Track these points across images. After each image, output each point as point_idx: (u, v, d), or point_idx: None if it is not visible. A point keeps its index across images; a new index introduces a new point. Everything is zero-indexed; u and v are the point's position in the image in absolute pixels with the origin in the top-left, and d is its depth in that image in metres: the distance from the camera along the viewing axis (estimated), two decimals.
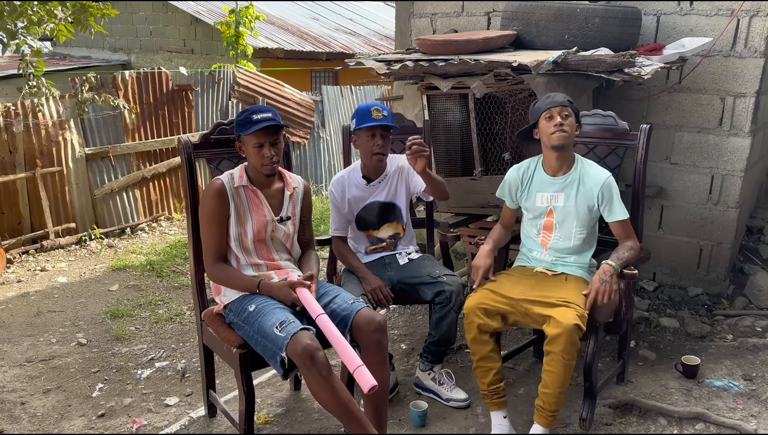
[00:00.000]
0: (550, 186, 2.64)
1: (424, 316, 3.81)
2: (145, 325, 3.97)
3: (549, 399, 2.38)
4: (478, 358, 2.52)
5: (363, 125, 2.78)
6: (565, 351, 2.29)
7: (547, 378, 2.36)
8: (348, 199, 2.93)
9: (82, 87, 5.79)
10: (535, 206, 2.67)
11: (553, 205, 2.63)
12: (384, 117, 2.77)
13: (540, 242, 2.69)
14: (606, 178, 2.57)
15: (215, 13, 10.33)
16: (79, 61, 10.96)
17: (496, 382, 2.52)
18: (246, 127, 2.36)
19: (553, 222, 2.64)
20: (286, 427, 2.75)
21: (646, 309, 3.73)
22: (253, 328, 2.27)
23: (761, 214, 4.59)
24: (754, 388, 2.93)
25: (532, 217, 2.70)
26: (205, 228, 2.44)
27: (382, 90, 9.25)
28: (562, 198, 2.61)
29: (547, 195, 2.65)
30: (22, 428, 2.81)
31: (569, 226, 2.61)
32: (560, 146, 2.55)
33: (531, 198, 2.69)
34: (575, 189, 2.59)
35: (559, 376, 2.33)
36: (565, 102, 2.56)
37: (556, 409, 2.40)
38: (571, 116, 2.54)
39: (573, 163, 2.63)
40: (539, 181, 2.67)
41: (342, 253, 2.97)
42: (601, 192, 2.56)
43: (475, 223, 3.68)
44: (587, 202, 2.58)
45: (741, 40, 3.53)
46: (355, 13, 14.40)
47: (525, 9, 3.46)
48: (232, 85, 7.24)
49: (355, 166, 2.97)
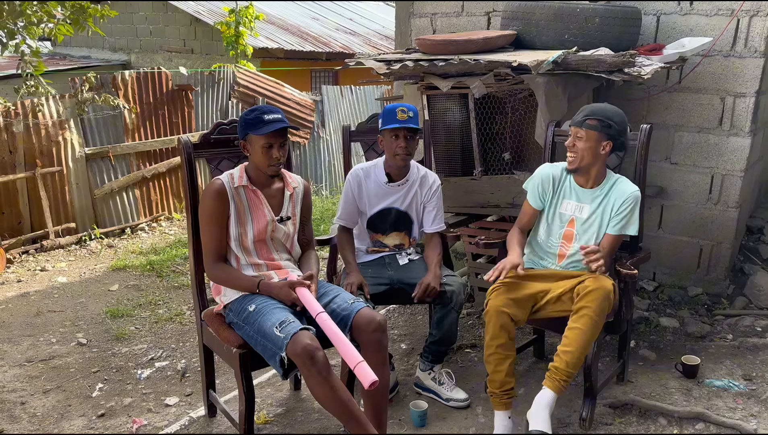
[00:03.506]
0: (578, 195, 2.59)
1: (424, 316, 3.81)
2: (145, 325, 3.97)
3: (568, 358, 2.31)
4: (497, 343, 2.43)
5: (387, 126, 2.79)
6: (598, 309, 2.23)
7: (572, 335, 2.31)
8: (364, 193, 2.92)
9: (82, 87, 5.79)
10: (559, 213, 2.62)
11: (576, 216, 2.58)
12: (409, 118, 2.76)
13: (558, 253, 2.64)
14: (633, 191, 2.53)
15: (215, 13, 10.33)
16: (79, 61, 10.95)
17: (509, 383, 2.47)
18: (257, 126, 2.36)
19: (573, 232, 2.60)
20: (286, 427, 2.75)
21: (646, 309, 3.73)
22: (253, 328, 2.27)
23: (761, 214, 4.59)
24: (754, 388, 2.93)
25: (551, 223, 2.64)
26: (204, 228, 2.44)
27: (382, 90, 9.25)
28: (587, 210, 2.56)
29: (573, 203, 2.59)
30: (22, 428, 2.81)
31: (588, 239, 2.58)
32: (570, 170, 2.53)
33: (558, 203, 2.62)
34: (601, 203, 2.55)
35: (585, 334, 2.27)
36: (582, 122, 2.46)
37: (573, 371, 2.33)
38: (584, 138, 2.45)
39: (604, 178, 2.58)
40: (569, 188, 2.61)
41: (342, 244, 2.94)
42: (624, 202, 2.51)
43: (475, 223, 3.68)
44: (608, 218, 2.55)
45: (741, 40, 3.53)
46: (355, 13, 14.39)
47: (525, 9, 3.46)
48: (232, 85, 7.24)
49: (378, 163, 2.96)
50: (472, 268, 3.64)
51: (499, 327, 2.43)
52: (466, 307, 3.68)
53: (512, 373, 2.48)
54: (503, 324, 2.43)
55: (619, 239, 2.57)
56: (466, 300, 2.85)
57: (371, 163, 2.99)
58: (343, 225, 2.96)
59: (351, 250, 2.93)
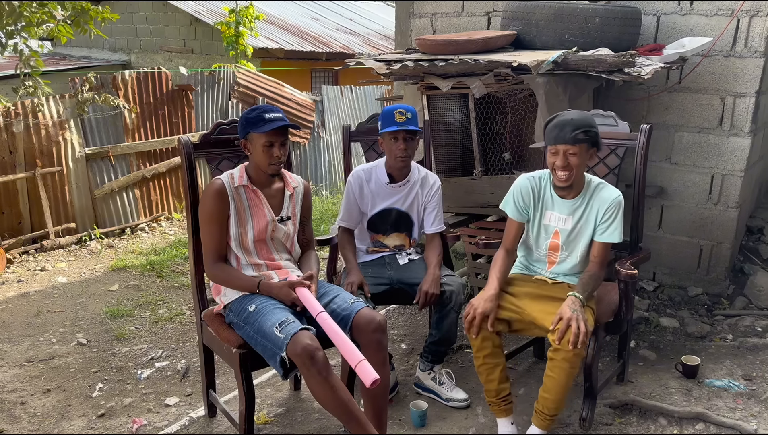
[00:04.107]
0: (559, 207, 2.53)
1: (424, 316, 3.81)
2: (145, 325, 3.97)
3: (548, 404, 2.37)
4: (483, 354, 2.46)
5: (385, 129, 2.79)
6: (570, 361, 2.27)
7: (549, 383, 2.34)
8: (366, 193, 2.92)
9: (82, 87, 5.79)
10: (544, 224, 2.58)
11: (560, 228, 2.54)
12: (408, 119, 2.76)
13: (547, 260, 2.63)
14: (615, 197, 2.46)
15: (215, 13, 10.33)
16: (79, 61, 10.96)
17: (504, 389, 2.48)
18: (258, 124, 2.36)
19: (558, 244, 2.57)
20: (286, 427, 2.75)
21: (646, 309, 3.73)
22: (253, 328, 2.27)
23: (761, 214, 4.59)
24: (754, 388, 2.93)
25: (537, 235, 2.61)
26: (204, 228, 2.44)
27: (382, 90, 9.25)
28: (571, 222, 2.51)
29: (556, 215, 2.54)
30: (22, 428, 2.81)
31: (574, 248, 2.55)
32: (562, 187, 2.47)
33: (542, 214, 2.58)
34: (584, 213, 2.50)
35: (561, 383, 2.31)
36: (573, 138, 2.33)
37: (556, 413, 2.39)
38: (577, 154, 2.35)
39: (583, 186, 2.50)
40: (550, 199, 2.55)
41: (343, 243, 2.95)
42: (606, 210, 2.46)
43: (475, 223, 3.68)
44: (593, 226, 2.50)
45: (741, 40, 3.53)
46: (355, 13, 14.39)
47: (525, 9, 3.46)
48: (232, 85, 7.24)
49: (379, 163, 2.96)
50: (472, 268, 3.64)
51: (481, 339, 2.44)
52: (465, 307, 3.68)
53: (505, 379, 2.49)
54: (484, 336, 2.44)
55: (608, 246, 2.52)
56: (466, 300, 2.85)
57: (372, 163, 2.99)
58: (345, 226, 2.97)
59: (352, 249, 2.93)
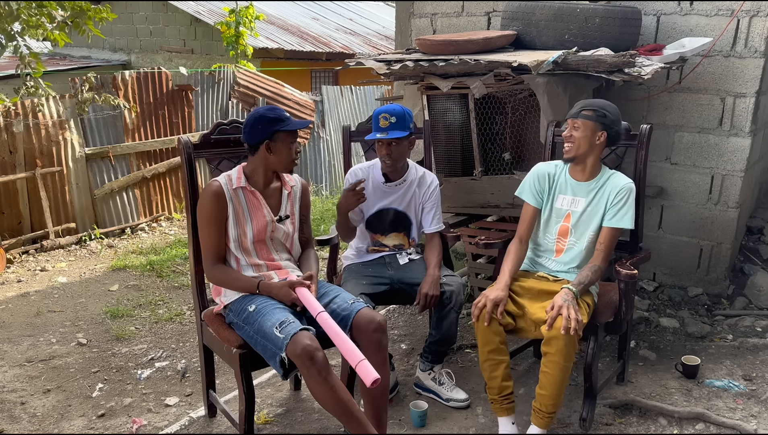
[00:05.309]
0: (573, 189, 2.62)
1: (424, 316, 3.81)
2: (145, 325, 3.97)
3: (545, 401, 2.37)
4: (488, 350, 2.44)
5: (369, 137, 2.81)
6: (562, 353, 2.28)
7: (544, 380, 2.35)
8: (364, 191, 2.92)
9: (82, 87, 5.79)
10: (555, 208, 2.64)
11: (572, 210, 2.61)
12: (391, 124, 2.75)
13: (555, 248, 2.65)
14: (628, 183, 2.56)
15: (215, 13, 10.34)
16: (79, 61, 10.96)
17: (507, 387, 2.47)
18: (285, 122, 2.38)
19: (568, 227, 2.61)
20: (286, 427, 2.75)
21: (646, 309, 3.73)
22: (253, 329, 2.27)
23: (761, 214, 4.59)
24: (754, 388, 2.93)
25: (548, 220, 2.66)
26: (203, 230, 2.43)
27: (382, 90, 9.25)
28: (583, 203, 2.59)
29: (569, 198, 2.63)
30: (22, 428, 2.81)
31: (583, 231, 2.59)
32: (566, 159, 2.57)
33: (554, 198, 2.65)
34: (596, 196, 2.58)
35: (556, 378, 2.31)
36: (578, 113, 2.53)
37: (554, 410, 2.39)
38: (581, 128, 2.51)
39: (599, 172, 2.61)
40: (564, 182, 2.65)
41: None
42: (618, 193, 2.53)
43: (475, 223, 3.68)
44: (603, 209, 2.56)
45: (741, 40, 3.53)
46: (355, 13, 14.40)
47: (525, 9, 3.46)
48: (232, 85, 7.24)
49: (376, 163, 2.96)
50: (472, 268, 3.64)
51: (488, 332, 2.44)
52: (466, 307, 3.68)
53: (509, 377, 2.48)
54: (492, 330, 2.43)
55: (616, 232, 2.56)
56: (466, 300, 2.85)
57: (369, 163, 2.99)
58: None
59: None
